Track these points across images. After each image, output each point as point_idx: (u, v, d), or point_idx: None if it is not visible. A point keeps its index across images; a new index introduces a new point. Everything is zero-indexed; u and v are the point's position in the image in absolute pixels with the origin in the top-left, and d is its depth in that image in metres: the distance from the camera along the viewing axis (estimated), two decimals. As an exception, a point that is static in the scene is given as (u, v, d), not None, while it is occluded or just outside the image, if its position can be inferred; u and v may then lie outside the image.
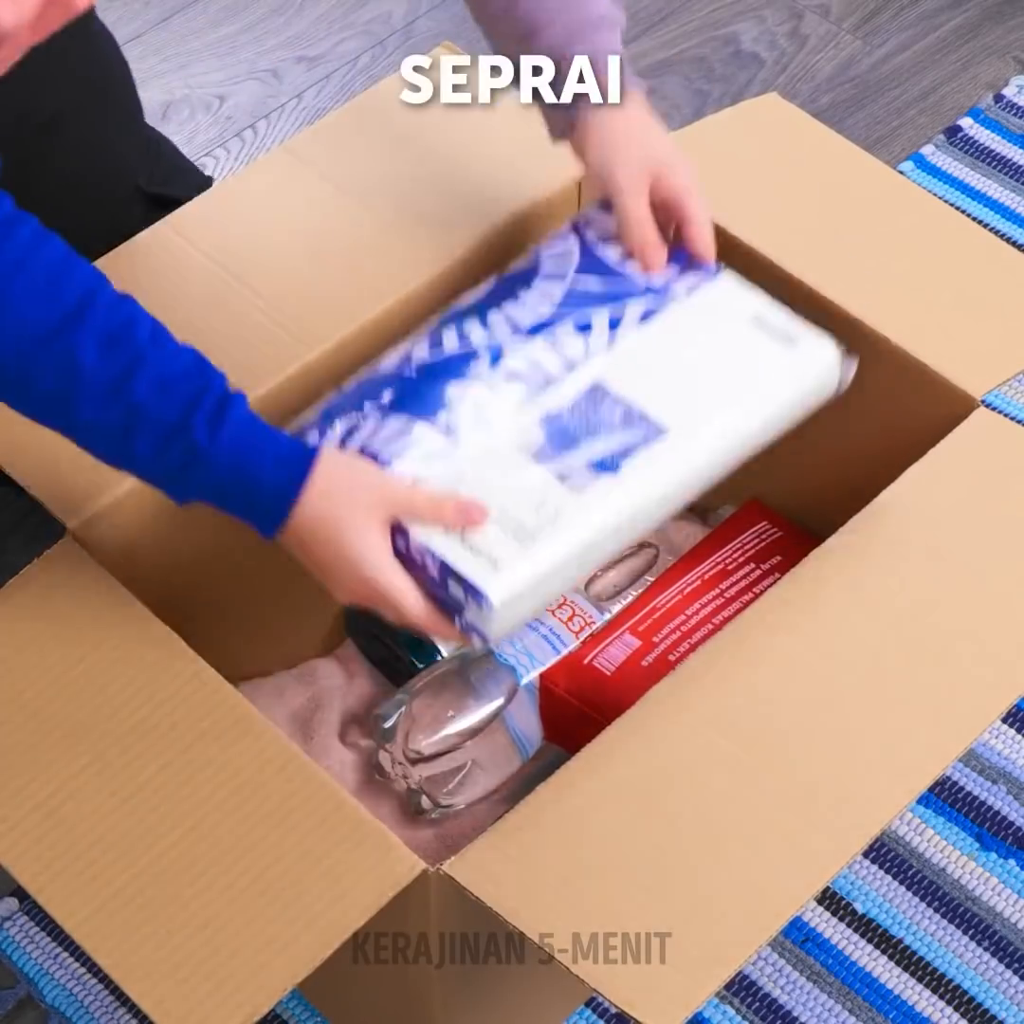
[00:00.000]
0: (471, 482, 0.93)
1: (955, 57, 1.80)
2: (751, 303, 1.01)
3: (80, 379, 0.85)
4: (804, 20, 1.83)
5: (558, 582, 0.93)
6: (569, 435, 0.95)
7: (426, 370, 0.99)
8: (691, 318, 1.01)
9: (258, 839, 0.85)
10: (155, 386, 0.86)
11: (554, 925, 0.83)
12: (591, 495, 0.92)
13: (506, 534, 0.90)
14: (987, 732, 1.32)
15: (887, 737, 0.90)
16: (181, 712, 0.89)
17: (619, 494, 0.93)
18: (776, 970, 1.23)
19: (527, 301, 1.02)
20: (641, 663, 1.08)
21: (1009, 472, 1.01)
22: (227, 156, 1.71)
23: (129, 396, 0.85)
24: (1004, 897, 1.26)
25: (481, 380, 0.97)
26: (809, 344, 1.00)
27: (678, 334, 1.00)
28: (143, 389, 0.85)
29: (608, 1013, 1.19)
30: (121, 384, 0.85)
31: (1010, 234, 1.63)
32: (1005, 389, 1.52)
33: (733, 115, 1.19)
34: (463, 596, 0.90)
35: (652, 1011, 0.80)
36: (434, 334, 1.01)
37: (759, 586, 1.12)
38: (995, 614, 0.95)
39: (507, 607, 0.89)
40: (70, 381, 0.85)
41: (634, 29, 1.82)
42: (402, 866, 0.85)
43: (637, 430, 0.95)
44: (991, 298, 1.09)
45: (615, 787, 0.88)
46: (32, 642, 0.92)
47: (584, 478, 0.93)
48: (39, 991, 1.21)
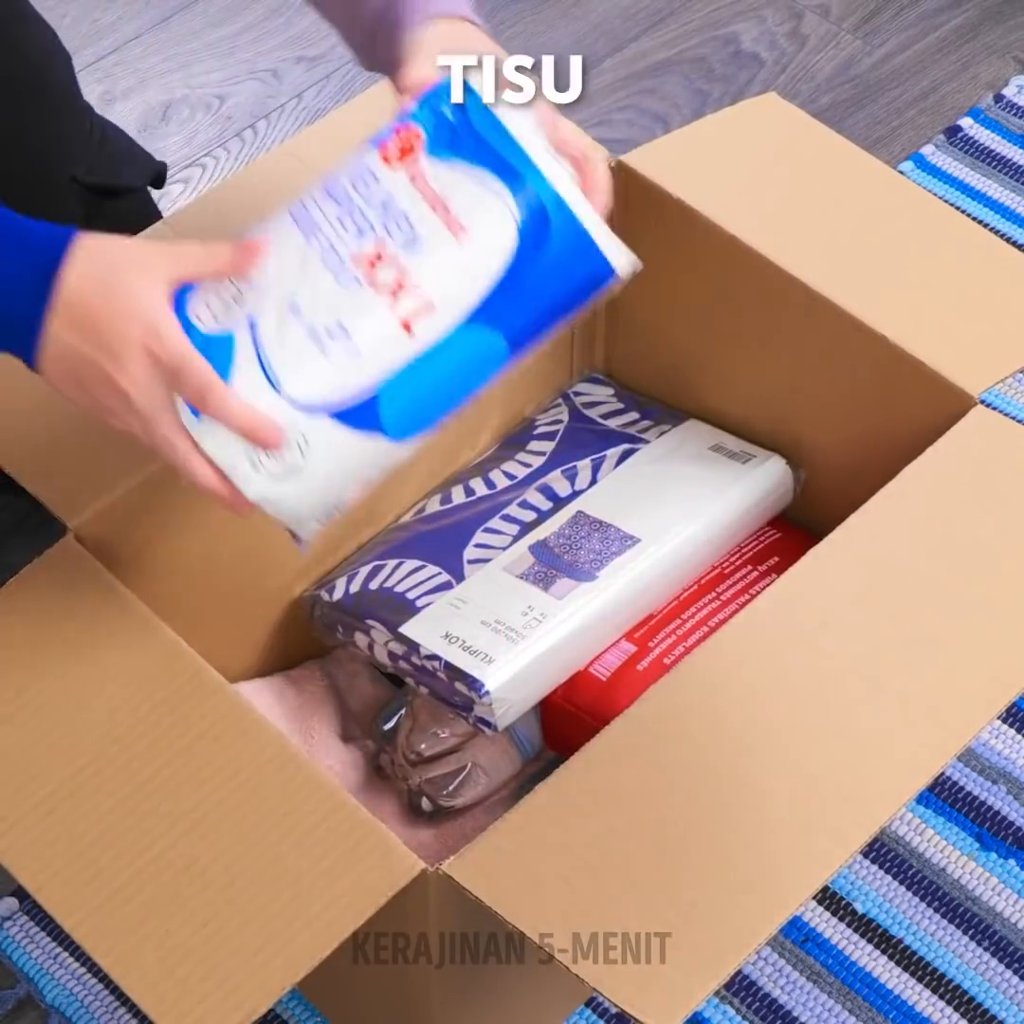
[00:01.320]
0: (470, 600, 1.08)
1: (955, 57, 1.80)
2: (711, 435, 1.18)
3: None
4: (804, 20, 1.83)
5: (547, 670, 1.06)
6: (554, 555, 1.10)
7: (436, 518, 1.18)
8: (660, 451, 1.18)
9: (257, 839, 0.85)
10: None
11: (554, 925, 0.83)
12: (571, 599, 1.07)
13: (498, 636, 1.05)
14: (987, 732, 1.32)
15: (885, 736, 0.90)
16: (181, 712, 0.89)
17: (595, 597, 1.07)
18: (776, 970, 1.23)
19: (522, 458, 1.20)
20: (636, 667, 1.08)
21: (1007, 470, 1.01)
22: (227, 156, 1.71)
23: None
24: (1004, 897, 1.26)
25: (482, 527, 1.13)
26: (761, 461, 1.15)
27: (649, 466, 1.17)
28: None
29: (608, 1013, 1.19)
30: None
31: (1010, 234, 1.63)
32: (1003, 387, 1.52)
33: (732, 115, 1.19)
34: (467, 691, 1.03)
35: (652, 1011, 0.80)
36: (444, 492, 1.20)
37: (756, 587, 1.12)
38: (993, 612, 0.95)
39: (502, 692, 1.03)
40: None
41: (634, 29, 1.82)
42: (402, 866, 0.85)
43: (612, 542, 1.10)
44: (990, 297, 1.09)
45: (615, 787, 0.88)
46: (32, 642, 0.92)
47: (565, 587, 1.07)
48: (39, 991, 1.21)
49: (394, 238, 0.85)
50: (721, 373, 1.20)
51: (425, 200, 0.85)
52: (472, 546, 1.13)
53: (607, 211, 0.88)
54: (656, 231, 1.15)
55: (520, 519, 1.15)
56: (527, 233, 0.85)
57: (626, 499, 1.14)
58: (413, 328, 0.85)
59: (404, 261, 0.85)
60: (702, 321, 1.18)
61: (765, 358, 1.16)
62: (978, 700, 0.91)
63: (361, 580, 1.14)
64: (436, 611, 1.08)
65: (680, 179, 1.13)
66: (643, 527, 1.11)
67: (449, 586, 1.11)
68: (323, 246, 0.85)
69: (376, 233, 0.85)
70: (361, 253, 0.85)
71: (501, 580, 1.10)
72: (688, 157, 1.16)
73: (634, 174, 1.14)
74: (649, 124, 1.73)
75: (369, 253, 0.85)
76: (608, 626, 1.09)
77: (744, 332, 1.16)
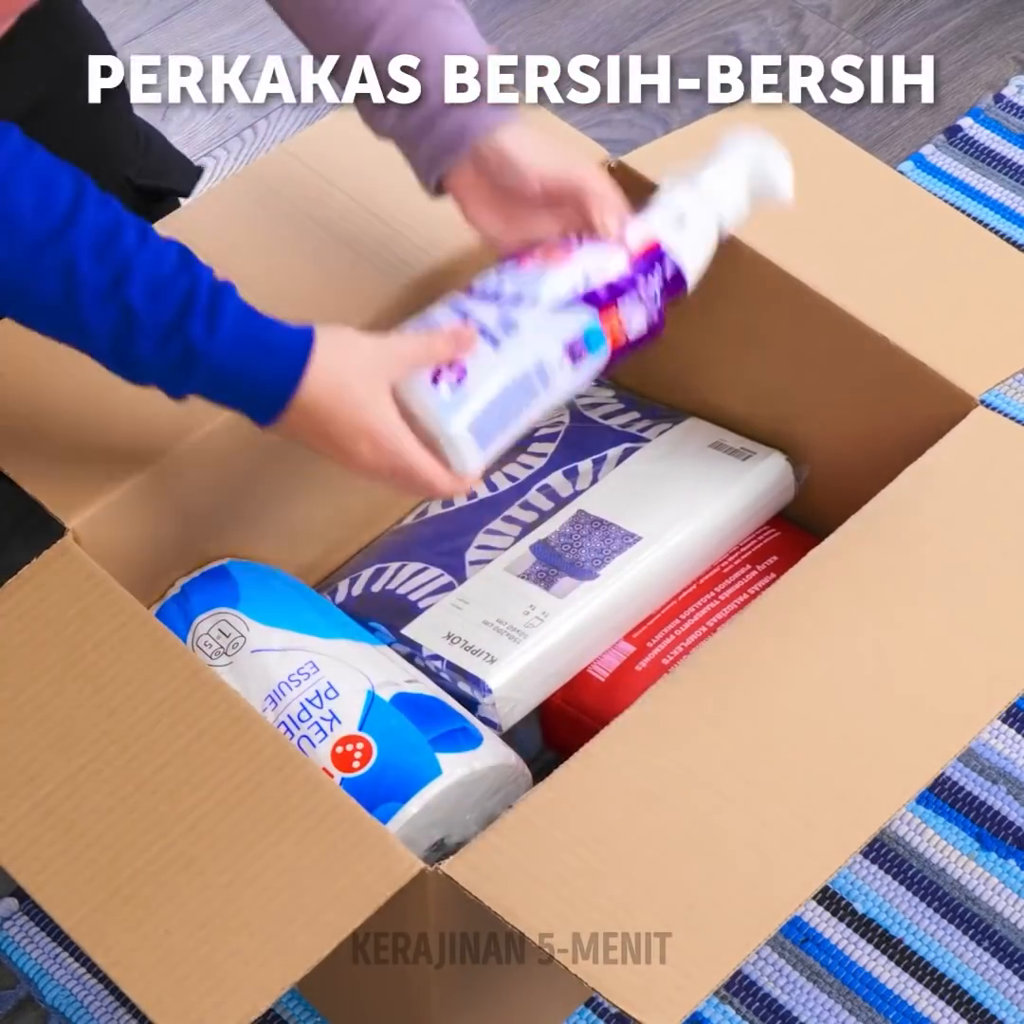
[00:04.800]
0: (472, 600, 1.07)
1: (955, 57, 1.79)
2: (712, 432, 1.18)
3: (80, 285, 0.86)
4: (804, 20, 1.83)
5: (551, 668, 1.06)
6: (555, 554, 1.10)
7: (437, 521, 1.18)
8: (661, 450, 1.17)
9: (256, 838, 0.85)
10: (147, 290, 0.86)
11: (554, 925, 0.83)
12: (573, 598, 1.07)
13: (501, 636, 1.05)
14: (987, 732, 1.32)
15: (885, 736, 0.90)
16: (180, 712, 0.89)
17: (597, 595, 1.07)
18: (776, 970, 1.23)
19: (524, 460, 1.19)
20: (635, 668, 1.08)
21: (1007, 471, 1.01)
22: (227, 156, 1.71)
23: (124, 300, 0.86)
24: (1004, 897, 1.26)
25: (484, 528, 1.12)
26: (761, 458, 1.15)
27: (650, 464, 1.16)
28: (136, 293, 0.86)
29: (608, 1013, 1.19)
30: (115, 290, 0.86)
31: (1010, 234, 1.63)
32: (1004, 388, 1.52)
33: (732, 115, 1.19)
34: (471, 691, 1.03)
35: (651, 1011, 0.80)
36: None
37: (754, 587, 1.12)
38: (993, 612, 0.95)
39: (505, 691, 1.03)
40: (71, 286, 0.86)
41: (634, 29, 1.82)
42: (401, 866, 0.85)
43: (613, 540, 1.10)
44: (990, 298, 1.09)
45: (614, 787, 0.88)
46: (31, 642, 0.92)
47: (567, 586, 1.07)
48: (39, 991, 1.21)
49: None
50: (721, 374, 1.20)
51: None
52: (474, 548, 1.13)
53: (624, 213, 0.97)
54: (656, 231, 1.15)
55: (521, 520, 1.15)
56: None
57: (627, 497, 1.14)
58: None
59: None
60: (702, 322, 1.18)
61: (765, 359, 1.15)
62: (978, 700, 0.91)
63: (364, 582, 1.14)
64: (438, 612, 1.08)
65: (680, 179, 1.13)
66: (644, 525, 1.11)
67: (451, 587, 1.11)
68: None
69: None
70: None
71: (502, 580, 1.10)
72: (688, 157, 1.15)
73: (634, 174, 1.13)
74: (649, 124, 1.73)
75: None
76: (611, 624, 1.09)
77: (744, 333, 1.16)
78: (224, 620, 1.03)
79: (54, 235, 0.85)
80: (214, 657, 1.01)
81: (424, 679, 1.04)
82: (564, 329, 0.94)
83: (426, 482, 0.94)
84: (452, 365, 0.93)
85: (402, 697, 1.00)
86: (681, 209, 0.99)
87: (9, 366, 1.03)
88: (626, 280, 0.96)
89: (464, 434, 0.93)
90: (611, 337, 0.96)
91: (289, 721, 0.98)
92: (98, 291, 0.86)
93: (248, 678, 1.00)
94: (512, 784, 1.00)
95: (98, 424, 1.00)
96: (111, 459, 0.99)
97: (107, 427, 1.00)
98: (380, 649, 1.05)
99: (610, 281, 0.95)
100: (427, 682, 1.03)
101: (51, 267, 0.86)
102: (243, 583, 1.05)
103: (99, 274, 0.86)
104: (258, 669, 1.00)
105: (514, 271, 0.97)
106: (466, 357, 0.93)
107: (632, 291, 0.96)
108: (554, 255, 0.96)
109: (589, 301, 0.95)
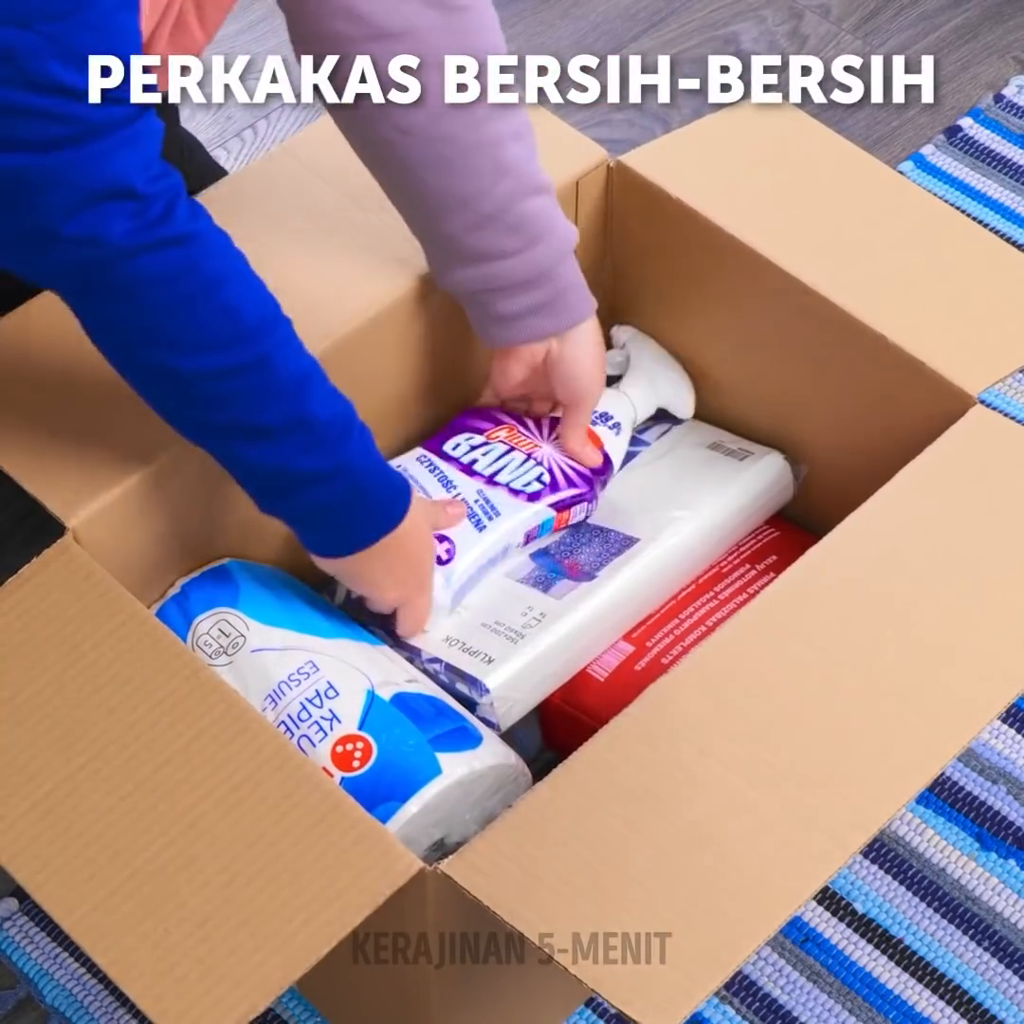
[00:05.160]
0: (470, 605, 1.08)
1: (955, 57, 1.79)
2: (710, 433, 1.20)
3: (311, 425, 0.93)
4: (804, 20, 1.83)
5: (549, 668, 1.06)
6: (554, 560, 1.11)
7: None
8: (660, 452, 1.19)
9: (256, 837, 0.85)
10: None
11: (554, 925, 0.83)
12: (571, 599, 1.07)
13: (498, 637, 1.05)
14: (987, 732, 1.32)
15: (885, 736, 0.90)
16: (179, 711, 0.89)
17: (595, 595, 1.08)
18: (776, 970, 1.23)
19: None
20: (634, 668, 1.08)
21: (1006, 470, 1.01)
22: (227, 156, 1.71)
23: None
24: (1004, 897, 1.26)
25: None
26: (759, 458, 1.16)
27: (649, 466, 1.18)
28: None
29: (608, 1013, 1.19)
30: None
31: (1010, 234, 1.63)
32: (1003, 387, 1.52)
33: (731, 115, 1.19)
34: (469, 691, 1.03)
35: (651, 1011, 0.80)
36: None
37: (754, 586, 1.12)
38: (993, 612, 0.95)
39: (503, 691, 1.03)
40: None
41: (634, 29, 1.82)
42: (400, 865, 0.85)
43: (612, 544, 1.11)
44: (989, 297, 1.09)
45: (614, 787, 0.88)
46: (31, 642, 0.92)
47: (564, 587, 1.08)
48: (39, 991, 1.21)
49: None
50: (721, 373, 1.20)
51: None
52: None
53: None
54: (655, 231, 1.15)
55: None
56: None
57: (626, 502, 1.14)
58: None
59: None
60: (702, 322, 1.18)
61: (764, 358, 1.16)
62: (978, 700, 0.91)
63: None
64: (436, 616, 1.08)
65: (679, 179, 1.13)
66: (642, 526, 1.11)
67: None
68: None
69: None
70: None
71: (501, 585, 1.10)
72: (687, 157, 1.16)
73: (634, 174, 1.14)
74: (649, 124, 1.73)
75: None
76: (609, 624, 1.09)
77: (744, 332, 1.16)
78: (224, 620, 1.03)
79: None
80: (214, 657, 1.01)
81: (424, 679, 1.04)
82: (529, 523, 1.10)
83: (421, 618, 1.05)
84: (442, 540, 1.06)
85: (402, 697, 1.00)
86: (617, 419, 1.15)
87: (9, 366, 1.03)
88: (586, 493, 1.11)
89: (447, 604, 1.07)
90: (556, 523, 1.11)
91: (289, 721, 0.98)
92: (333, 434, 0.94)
93: (248, 678, 1.00)
94: (512, 784, 1.00)
95: (98, 424, 1.00)
96: (111, 459, 0.99)
97: (107, 427, 1.00)
98: (380, 649, 1.05)
99: (573, 494, 1.11)
100: (427, 682, 1.03)
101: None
102: (243, 583, 1.05)
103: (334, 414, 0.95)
104: (258, 669, 1.00)
105: (485, 447, 1.11)
106: (454, 532, 1.07)
107: (587, 497, 1.12)
108: (523, 444, 1.12)
109: (553, 506, 1.10)
